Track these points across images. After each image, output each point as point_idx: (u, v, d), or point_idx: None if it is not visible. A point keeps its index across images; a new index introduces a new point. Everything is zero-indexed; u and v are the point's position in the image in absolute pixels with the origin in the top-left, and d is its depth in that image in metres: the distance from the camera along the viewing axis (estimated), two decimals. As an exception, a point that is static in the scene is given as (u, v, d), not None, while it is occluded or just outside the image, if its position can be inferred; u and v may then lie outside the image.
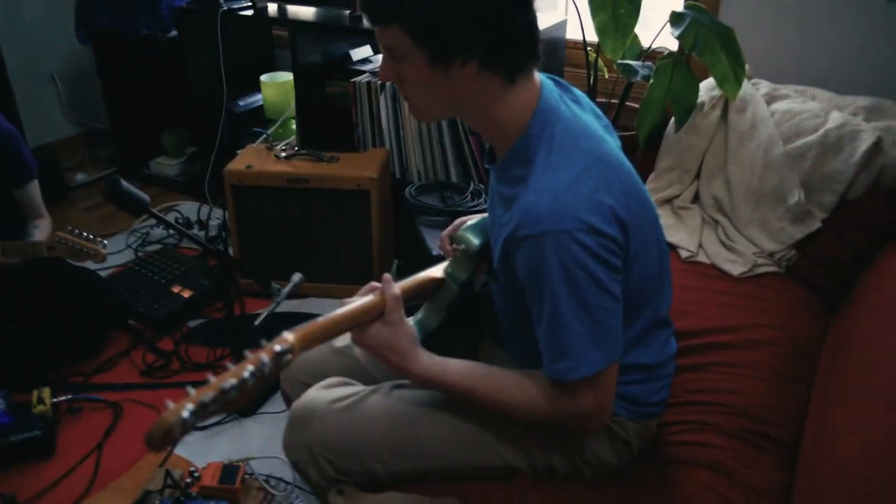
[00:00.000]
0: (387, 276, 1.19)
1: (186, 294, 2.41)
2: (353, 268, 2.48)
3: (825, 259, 1.80)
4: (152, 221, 2.98)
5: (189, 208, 3.06)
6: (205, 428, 1.97)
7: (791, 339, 1.63)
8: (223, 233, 2.81)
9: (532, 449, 1.25)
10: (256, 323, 1.92)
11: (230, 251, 2.67)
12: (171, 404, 0.86)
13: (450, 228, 1.49)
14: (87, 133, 3.65)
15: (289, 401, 1.47)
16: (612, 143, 1.19)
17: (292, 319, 2.34)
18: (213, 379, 0.90)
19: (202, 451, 1.90)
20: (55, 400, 1.97)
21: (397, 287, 1.17)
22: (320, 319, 1.08)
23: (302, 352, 1.02)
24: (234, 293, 2.44)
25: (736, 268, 1.83)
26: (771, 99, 2.01)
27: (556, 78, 1.23)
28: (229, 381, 0.89)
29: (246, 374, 0.91)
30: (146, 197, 1.67)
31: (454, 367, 1.17)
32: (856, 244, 1.77)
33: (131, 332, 2.31)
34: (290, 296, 2.02)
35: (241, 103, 3.00)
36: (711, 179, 2.04)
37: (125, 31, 2.97)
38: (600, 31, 2.05)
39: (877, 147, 1.74)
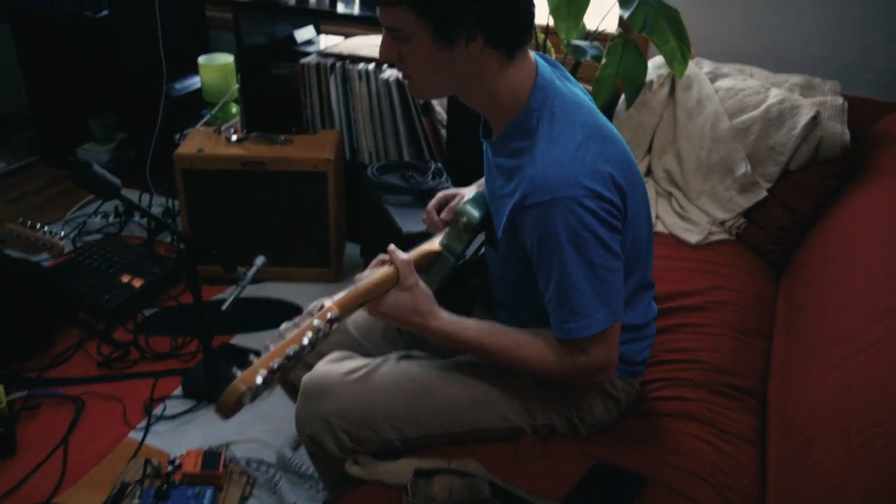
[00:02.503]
0: (392, 246, 1.22)
1: (137, 283, 2.33)
2: (309, 250, 2.47)
3: (771, 226, 1.95)
4: (88, 210, 2.87)
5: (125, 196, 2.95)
6: (174, 417, 1.94)
7: (748, 300, 1.75)
8: (168, 219, 2.73)
9: (534, 410, 1.31)
10: (224, 307, 1.90)
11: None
12: (239, 372, 0.87)
13: (433, 202, 1.53)
14: (3, 117, 3.44)
15: (286, 381, 1.48)
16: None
17: (254, 304, 2.35)
18: (273, 346, 0.92)
19: (175, 440, 1.87)
20: (10, 398, 1.89)
21: (406, 254, 1.21)
22: (347, 291, 1.11)
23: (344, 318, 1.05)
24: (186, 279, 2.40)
25: (692, 236, 1.95)
26: (714, 77, 2.14)
27: (545, 55, 1.29)
28: (291, 347, 0.92)
29: (305, 341, 0.93)
30: (118, 181, 1.63)
31: (472, 325, 1.22)
32: (799, 211, 1.92)
33: (82, 324, 2.23)
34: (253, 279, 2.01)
35: (177, 86, 2.92)
36: (662, 154, 2.16)
37: (50, 10, 2.82)
38: (555, 12, 2.12)
39: (815, 120, 1.88)
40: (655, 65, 2.20)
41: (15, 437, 1.83)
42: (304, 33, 2.79)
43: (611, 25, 2.42)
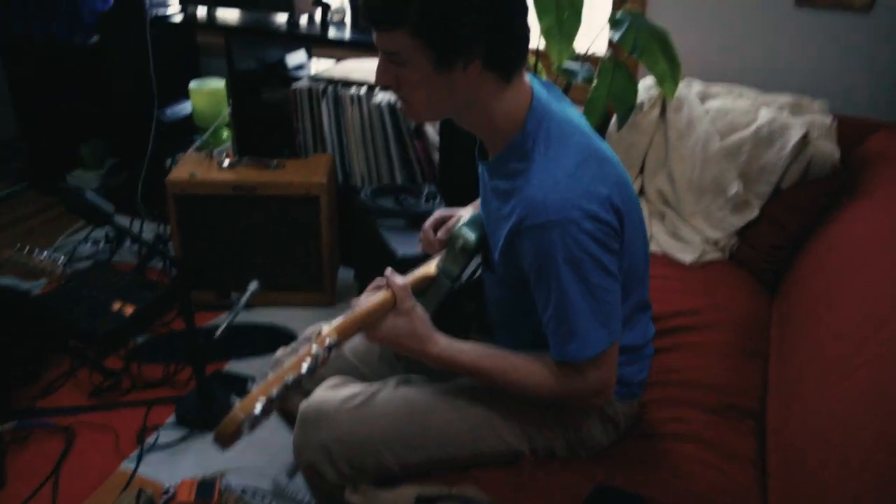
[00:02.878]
0: (389, 269, 1.22)
1: (129, 310, 2.31)
2: (302, 275, 2.46)
3: (764, 245, 1.96)
4: (78, 237, 2.85)
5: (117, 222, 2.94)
6: (168, 446, 1.92)
7: (743, 319, 1.76)
8: (160, 245, 2.72)
9: (533, 433, 1.30)
10: (217, 334, 1.89)
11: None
12: (237, 401, 0.86)
13: (430, 221, 1.52)
14: (-8, 145, 3.44)
15: (282, 408, 1.46)
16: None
17: (246, 330, 2.33)
18: (272, 374, 0.91)
19: (168, 470, 1.84)
20: None
21: (403, 278, 1.21)
22: (345, 317, 1.10)
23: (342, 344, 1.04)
24: (179, 306, 2.39)
25: (687, 256, 1.95)
26: (704, 97, 2.16)
27: (539, 77, 1.29)
28: (290, 375, 0.91)
29: (304, 369, 0.93)
30: (111, 207, 1.62)
31: (469, 349, 1.21)
32: (790, 230, 1.93)
33: (73, 352, 2.20)
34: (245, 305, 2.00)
35: (169, 112, 2.92)
36: (655, 174, 2.17)
37: (40, 38, 2.82)
38: (546, 34, 2.13)
39: (805, 140, 1.90)
40: (646, 86, 2.22)
41: (4, 469, 1.80)
42: (296, 58, 2.80)
43: (601, 48, 2.45)
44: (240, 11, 2.57)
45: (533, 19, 2.13)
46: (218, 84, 2.90)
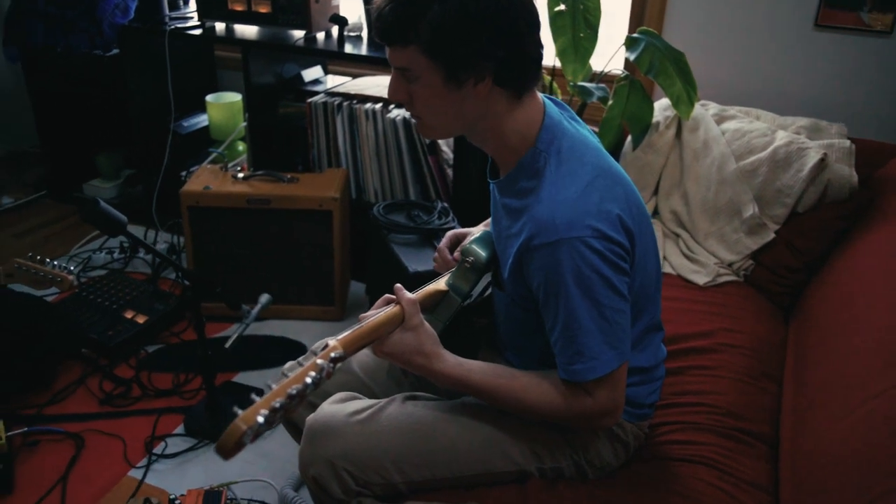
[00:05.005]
0: (398, 285, 1.21)
1: (141, 319, 2.32)
2: (313, 288, 2.47)
3: (780, 268, 1.94)
4: (93, 246, 2.87)
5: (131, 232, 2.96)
6: (175, 455, 1.91)
7: (757, 342, 1.73)
8: (173, 256, 2.73)
9: (542, 452, 1.29)
10: (227, 345, 1.89)
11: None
12: (240, 411, 0.85)
13: (445, 241, 1.52)
14: (13, 154, 3.48)
15: (290, 421, 1.46)
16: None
17: (257, 342, 2.33)
18: (275, 386, 0.91)
19: (176, 480, 1.84)
20: (9, 434, 1.86)
21: (412, 294, 1.20)
22: (352, 330, 1.10)
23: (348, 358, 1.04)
24: (190, 317, 2.39)
25: (700, 278, 1.94)
26: (720, 119, 2.15)
27: (552, 97, 1.29)
28: (294, 387, 0.90)
29: (308, 380, 0.92)
30: (124, 218, 1.63)
31: (478, 368, 1.20)
32: (807, 253, 1.91)
33: (84, 360, 2.21)
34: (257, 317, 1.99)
35: (185, 124, 2.94)
36: (669, 195, 2.16)
37: (61, 49, 2.86)
38: (561, 54, 2.14)
39: (822, 163, 1.88)
40: (661, 106, 2.22)
41: (13, 475, 1.80)
42: (312, 73, 2.82)
43: (617, 67, 2.45)
44: (258, 27, 2.59)
45: (549, 38, 2.15)
46: (234, 97, 2.93)
